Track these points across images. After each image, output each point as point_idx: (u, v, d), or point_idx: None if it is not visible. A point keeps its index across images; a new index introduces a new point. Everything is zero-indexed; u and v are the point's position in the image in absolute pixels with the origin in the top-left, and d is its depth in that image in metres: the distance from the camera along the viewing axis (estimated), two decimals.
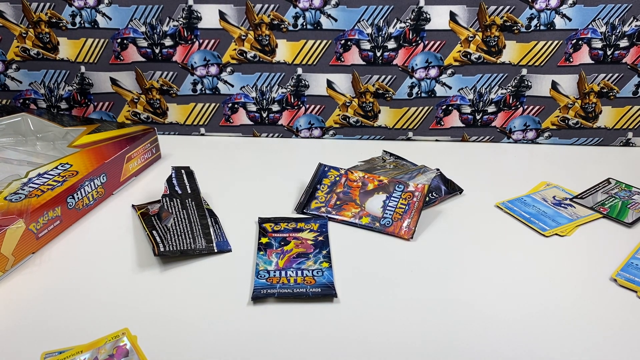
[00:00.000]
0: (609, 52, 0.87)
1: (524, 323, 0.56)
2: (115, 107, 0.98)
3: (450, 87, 0.92)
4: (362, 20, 0.88)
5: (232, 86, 0.94)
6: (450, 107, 0.94)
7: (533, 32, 0.87)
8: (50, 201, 0.67)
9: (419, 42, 0.89)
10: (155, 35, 0.91)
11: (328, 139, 0.98)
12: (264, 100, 0.95)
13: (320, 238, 0.68)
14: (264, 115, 0.97)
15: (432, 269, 0.64)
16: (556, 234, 0.70)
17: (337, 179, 0.78)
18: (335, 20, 0.88)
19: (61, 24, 0.91)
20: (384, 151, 0.90)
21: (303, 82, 0.93)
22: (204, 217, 0.69)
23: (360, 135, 0.97)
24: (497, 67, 0.90)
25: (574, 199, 0.77)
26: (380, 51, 0.90)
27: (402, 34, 0.88)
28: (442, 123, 0.95)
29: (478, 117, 0.94)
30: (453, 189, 0.79)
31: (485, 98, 0.92)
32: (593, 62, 0.88)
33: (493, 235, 0.70)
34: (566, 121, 0.93)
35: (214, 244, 0.66)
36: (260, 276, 0.61)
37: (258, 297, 0.58)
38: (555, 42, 0.87)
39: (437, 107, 0.94)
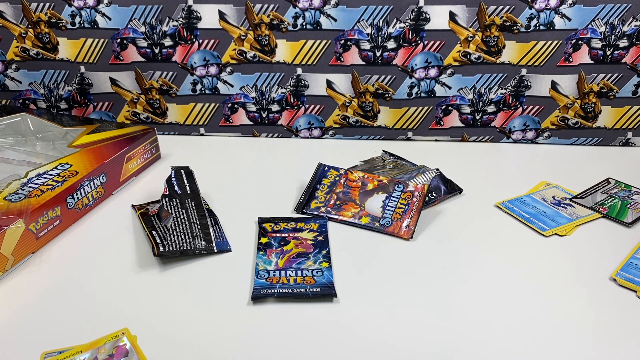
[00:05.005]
0: (608, 52, 0.87)
1: (524, 323, 0.56)
2: (114, 107, 0.98)
3: (449, 87, 0.92)
4: (362, 20, 0.88)
5: (232, 86, 0.94)
6: (449, 107, 0.94)
7: (532, 32, 0.87)
8: (50, 201, 0.67)
9: (419, 42, 0.89)
10: (155, 35, 0.91)
11: (328, 139, 0.98)
12: (264, 100, 0.95)
13: (320, 238, 0.68)
14: (264, 115, 0.97)
15: (431, 268, 0.64)
16: (556, 234, 0.70)
17: (337, 178, 0.78)
18: (335, 20, 0.88)
19: (61, 24, 0.91)
20: (384, 151, 0.90)
21: (303, 82, 0.93)
22: (203, 217, 0.69)
23: (360, 135, 0.97)
24: (497, 67, 0.90)
25: (573, 199, 0.77)
26: (380, 51, 0.90)
27: (401, 34, 0.88)
28: (442, 123, 0.95)
29: (478, 117, 0.94)
30: (453, 189, 0.79)
31: (484, 98, 0.92)
32: (592, 62, 0.88)
33: (493, 235, 0.70)
34: (566, 121, 0.93)
35: (214, 244, 0.66)
36: (260, 276, 0.61)
37: (258, 296, 0.58)
38: (555, 42, 0.87)
39: (436, 107, 0.94)
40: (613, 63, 0.88)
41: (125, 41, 0.91)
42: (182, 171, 0.76)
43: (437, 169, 0.80)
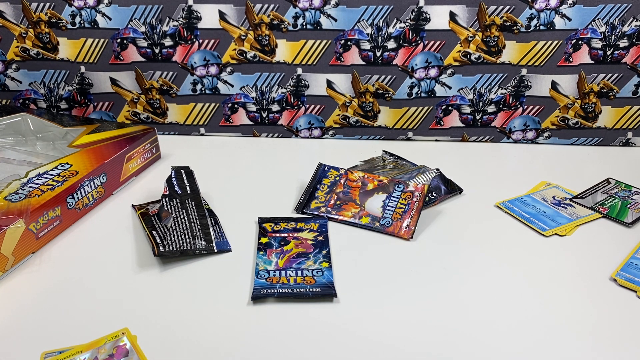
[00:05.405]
0: (608, 52, 0.87)
1: (524, 323, 0.56)
2: (115, 107, 0.98)
3: (450, 87, 0.92)
4: (362, 20, 0.88)
5: (232, 86, 0.94)
6: (450, 107, 0.94)
7: (533, 32, 0.87)
8: (50, 201, 0.67)
9: (419, 42, 0.89)
10: (155, 35, 0.91)
11: (328, 139, 0.98)
12: (264, 100, 0.95)
13: (320, 238, 0.68)
14: (264, 115, 0.97)
15: (432, 268, 0.64)
16: (556, 234, 0.70)
17: (337, 178, 0.78)
18: (335, 20, 0.88)
19: (61, 24, 0.91)
20: (384, 151, 0.90)
21: (303, 82, 0.93)
22: (203, 217, 0.69)
23: (360, 135, 0.97)
24: (497, 67, 0.90)
25: (573, 199, 0.77)
26: (380, 51, 0.90)
27: (401, 34, 0.88)
28: (442, 123, 0.95)
29: (478, 117, 0.94)
30: (453, 189, 0.79)
31: (485, 98, 0.92)
32: (593, 62, 0.88)
33: (493, 235, 0.70)
34: (566, 121, 0.93)
35: (214, 244, 0.66)
36: (260, 276, 0.61)
37: (258, 296, 0.58)
38: (555, 42, 0.87)
39: (437, 107, 0.94)
40: (613, 63, 0.88)
41: (125, 41, 0.91)
42: (182, 171, 0.76)
43: (437, 169, 0.80)
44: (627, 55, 0.87)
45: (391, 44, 0.89)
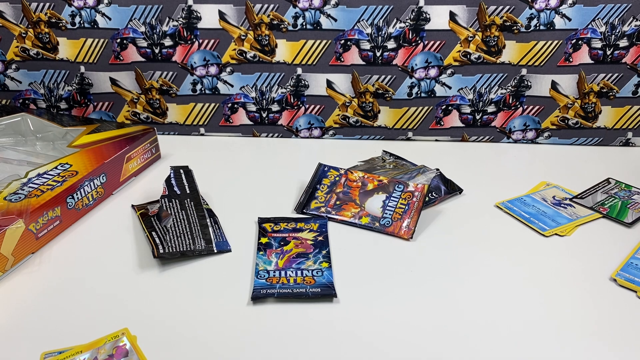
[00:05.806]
0: (608, 52, 0.87)
1: (524, 322, 0.56)
2: (114, 107, 0.98)
3: (450, 87, 0.92)
4: (362, 20, 0.88)
5: (232, 86, 0.94)
6: (450, 107, 0.94)
7: (533, 32, 0.87)
8: (50, 201, 0.67)
9: (419, 42, 0.89)
10: (155, 35, 0.91)
11: (328, 139, 0.98)
12: (264, 100, 0.95)
13: (320, 238, 0.68)
14: (264, 115, 0.97)
15: (431, 269, 0.64)
16: (556, 234, 0.70)
17: (337, 179, 0.78)
18: (335, 20, 0.88)
19: (61, 24, 0.91)
20: (384, 151, 0.90)
21: (303, 82, 0.93)
22: (203, 218, 0.69)
23: (360, 135, 0.97)
24: (497, 67, 0.90)
25: (573, 199, 0.77)
26: (380, 51, 0.90)
27: (401, 34, 0.88)
28: (442, 123, 0.95)
29: (478, 117, 0.94)
30: (453, 189, 0.79)
31: (485, 98, 0.92)
32: (593, 62, 0.88)
33: (493, 235, 0.70)
34: (566, 121, 0.93)
35: (214, 244, 0.66)
36: (260, 276, 0.61)
37: (258, 297, 0.58)
38: (555, 42, 0.87)
39: (436, 107, 0.94)
40: (613, 63, 0.88)
41: (125, 41, 0.91)
42: (182, 171, 0.76)
43: (437, 169, 0.80)
44: (627, 55, 0.87)
45: (391, 44, 0.89)
